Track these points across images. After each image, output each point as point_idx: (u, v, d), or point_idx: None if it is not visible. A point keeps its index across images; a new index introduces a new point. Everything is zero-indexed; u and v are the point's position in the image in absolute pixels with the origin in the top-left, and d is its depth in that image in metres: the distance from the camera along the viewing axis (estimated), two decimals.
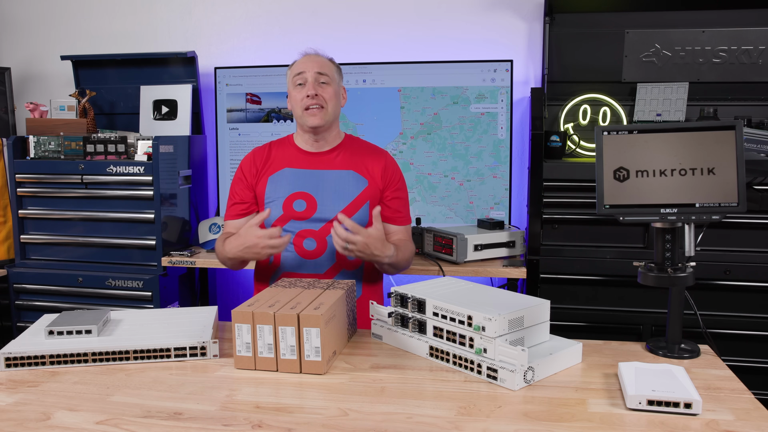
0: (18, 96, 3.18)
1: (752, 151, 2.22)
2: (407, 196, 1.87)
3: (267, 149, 1.83)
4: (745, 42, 2.49)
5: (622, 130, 1.39)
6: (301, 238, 1.73)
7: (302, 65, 1.75)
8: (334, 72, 1.78)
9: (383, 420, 1.05)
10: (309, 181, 1.76)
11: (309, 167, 1.78)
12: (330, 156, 1.79)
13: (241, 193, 1.80)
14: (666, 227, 1.37)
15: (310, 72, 1.72)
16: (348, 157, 1.79)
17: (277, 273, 1.77)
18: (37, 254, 2.72)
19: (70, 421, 1.06)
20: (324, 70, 1.74)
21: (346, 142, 1.84)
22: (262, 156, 1.81)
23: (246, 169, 1.81)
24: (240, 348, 1.26)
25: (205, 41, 3.03)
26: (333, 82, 1.75)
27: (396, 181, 1.82)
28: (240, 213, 1.80)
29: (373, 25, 2.88)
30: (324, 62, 1.77)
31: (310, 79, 1.72)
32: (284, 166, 1.78)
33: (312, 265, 1.74)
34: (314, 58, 1.77)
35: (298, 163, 1.79)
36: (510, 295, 1.39)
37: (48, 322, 1.41)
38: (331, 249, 1.73)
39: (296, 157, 1.80)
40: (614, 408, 1.10)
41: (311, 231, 1.73)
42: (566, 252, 2.31)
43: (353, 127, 2.74)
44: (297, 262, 1.75)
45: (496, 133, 2.63)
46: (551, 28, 2.59)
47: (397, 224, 1.81)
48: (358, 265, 1.77)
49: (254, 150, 1.85)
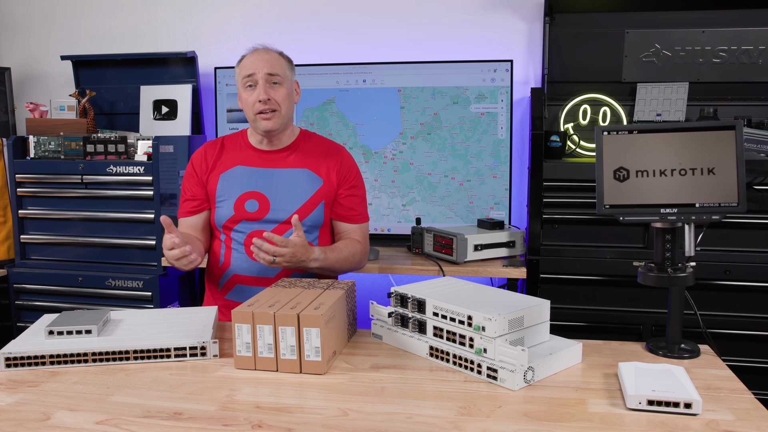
0: (18, 96, 3.18)
1: (752, 151, 2.22)
2: (364, 193, 1.82)
3: (219, 144, 1.77)
4: (745, 42, 2.49)
5: (622, 130, 1.39)
6: (251, 239, 1.66)
7: (251, 65, 1.66)
8: (285, 69, 1.69)
9: (383, 420, 1.05)
10: (262, 180, 1.71)
11: (262, 165, 1.73)
12: (284, 154, 1.74)
13: (192, 189, 1.74)
14: (666, 227, 1.37)
15: (260, 73, 1.64)
16: (302, 155, 1.74)
17: (226, 276, 1.73)
18: (37, 254, 2.72)
19: (70, 421, 1.06)
20: (275, 70, 1.66)
21: (301, 139, 1.78)
22: (214, 152, 1.75)
23: (197, 164, 1.75)
24: (240, 348, 1.26)
25: (205, 41, 3.03)
26: (285, 81, 1.68)
27: (351, 179, 1.77)
28: (192, 210, 1.75)
29: (373, 25, 2.88)
30: (274, 60, 1.67)
31: (261, 82, 1.64)
32: (236, 163, 1.73)
33: (262, 267, 1.68)
34: (264, 56, 1.67)
35: (251, 161, 1.73)
36: (510, 295, 1.39)
37: (48, 322, 1.41)
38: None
39: (249, 155, 1.74)
40: (614, 408, 1.10)
41: (263, 232, 1.65)
42: (566, 252, 2.31)
43: (353, 127, 2.74)
44: (247, 264, 1.70)
45: (496, 133, 2.63)
46: (551, 28, 2.59)
47: (351, 222, 1.77)
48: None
49: (205, 144, 1.79)
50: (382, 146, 2.72)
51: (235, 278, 1.72)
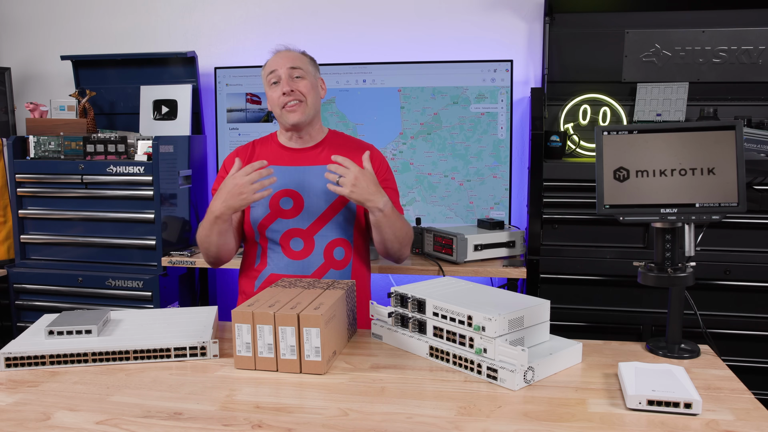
0: (18, 96, 3.18)
1: (752, 151, 2.22)
2: (396, 187, 1.84)
3: (251, 147, 1.80)
4: (745, 42, 2.49)
5: (622, 130, 1.39)
6: (288, 238, 1.71)
7: (274, 63, 1.72)
8: (307, 64, 1.74)
9: (383, 420, 1.05)
10: (294, 178, 1.73)
11: (294, 164, 1.75)
12: (315, 151, 1.76)
13: None
14: (666, 227, 1.37)
15: (282, 68, 1.69)
16: (333, 151, 1.75)
17: (264, 274, 1.74)
18: (37, 254, 2.72)
19: (70, 421, 1.06)
20: (296, 64, 1.70)
21: (330, 137, 1.81)
22: (246, 154, 1.78)
23: (230, 166, 1.74)
24: (240, 348, 1.26)
25: (205, 41, 3.03)
26: (308, 75, 1.72)
27: (383, 172, 1.79)
28: None
29: (373, 25, 2.88)
30: (296, 56, 1.73)
31: (284, 76, 1.69)
32: (269, 163, 1.73)
33: (299, 265, 1.71)
34: (285, 54, 1.73)
35: (283, 161, 1.75)
36: (510, 295, 1.39)
37: (48, 322, 1.41)
38: (319, 249, 1.71)
39: (280, 154, 1.76)
40: (614, 408, 1.10)
41: (298, 230, 1.71)
42: (566, 252, 2.31)
43: (353, 127, 2.74)
44: (284, 262, 1.71)
45: (496, 133, 2.63)
46: (551, 28, 2.59)
47: None
48: (346, 265, 1.74)
49: (237, 149, 1.81)
50: (382, 146, 2.72)
51: (272, 278, 1.72)
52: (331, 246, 1.72)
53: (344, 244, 1.74)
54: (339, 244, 1.73)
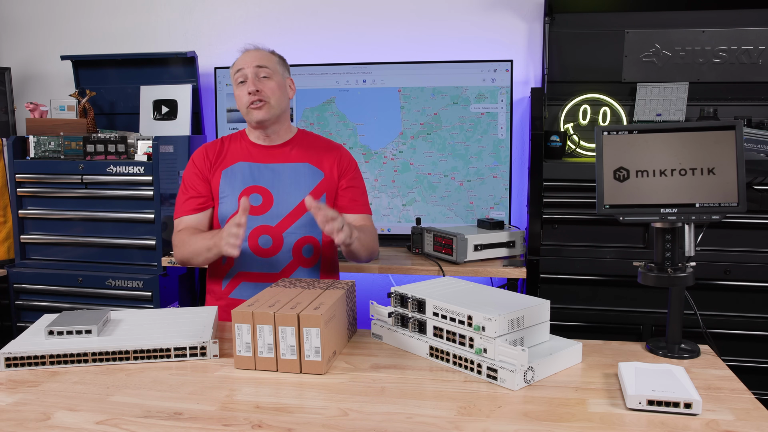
0: (18, 96, 3.18)
1: (752, 151, 2.22)
2: (363, 186, 1.84)
3: (219, 144, 1.79)
4: (745, 42, 2.49)
5: (622, 130, 1.39)
6: (256, 235, 1.69)
7: (241, 62, 1.71)
8: (275, 64, 1.73)
9: (383, 420, 1.05)
10: (264, 174, 1.73)
11: (263, 161, 1.75)
12: (284, 149, 1.77)
13: (196, 187, 1.74)
14: (666, 227, 1.37)
15: (249, 67, 1.69)
16: (303, 150, 1.76)
17: (231, 272, 1.73)
18: (37, 254, 2.72)
19: (70, 421, 1.06)
20: (263, 63, 1.70)
21: (300, 136, 1.81)
22: (215, 150, 1.77)
23: (199, 162, 1.76)
24: (240, 348, 1.26)
25: (205, 41, 3.03)
26: (275, 74, 1.71)
27: (350, 171, 1.80)
28: (196, 207, 1.73)
29: (374, 25, 2.88)
30: (263, 55, 1.72)
31: (250, 75, 1.68)
32: (238, 159, 1.74)
33: (267, 263, 1.70)
34: (253, 53, 1.73)
35: (252, 157, 1.75)
36: (510, 295, 1.39)
37: (48, 322, 1.41)
38: (288, 247, 1.70)
39: (250, 151, 1.76)
40: (614, 408, 1.10)
41: (267, 227, 1.69)
42: (566, 252, 2.31)
43: (353, 127, 2.74)
44: (251, 260, 1.70)
45: (496, 133, 2.63)
46: (551, 28, 2.59)
47: (354, 212, 1.78)
48: (315, 263, 1.74)
49: (205, 145, 1.80)
50: (382, 146, 2.72)
51: (240, 275, 1.72)
52: (299, 244, 1.71)
53: (313, 242, 1.73)
54: (308, 242, 1.72)
